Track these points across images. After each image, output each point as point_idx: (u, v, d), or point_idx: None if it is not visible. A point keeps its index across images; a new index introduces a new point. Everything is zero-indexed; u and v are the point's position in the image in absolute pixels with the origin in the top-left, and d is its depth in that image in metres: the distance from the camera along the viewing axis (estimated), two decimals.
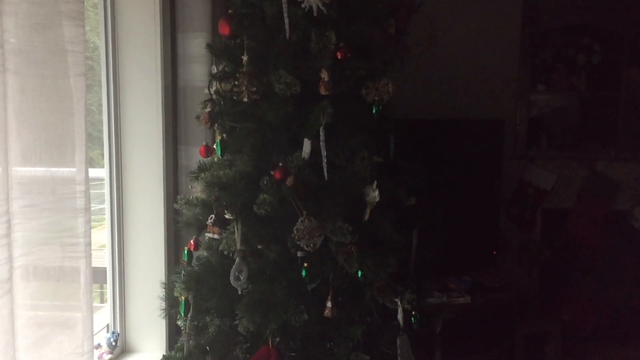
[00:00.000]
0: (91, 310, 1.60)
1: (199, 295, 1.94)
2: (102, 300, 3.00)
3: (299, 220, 1.78)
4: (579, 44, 3.84)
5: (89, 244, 1.59)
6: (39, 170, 1.48)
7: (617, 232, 3.82)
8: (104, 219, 2.41)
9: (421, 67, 3.35)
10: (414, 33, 3.10)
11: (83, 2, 1.54)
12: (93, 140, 2.41)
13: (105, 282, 2.47)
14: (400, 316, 1.84)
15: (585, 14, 3.74)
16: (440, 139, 3.29)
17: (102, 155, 2.36)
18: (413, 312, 1.87)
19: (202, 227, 1.99)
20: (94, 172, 2.29)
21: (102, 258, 2.48)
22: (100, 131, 2.35)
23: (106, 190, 2.36)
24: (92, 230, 1.62)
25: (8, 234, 1.31)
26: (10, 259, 1.33)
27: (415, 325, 1.88)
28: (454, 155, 3.31)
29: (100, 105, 2.34)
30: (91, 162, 2.37)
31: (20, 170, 1.40)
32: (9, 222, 1.32)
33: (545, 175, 3.78)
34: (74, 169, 1.55)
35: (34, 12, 1.41)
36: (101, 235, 2.48)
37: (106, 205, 2.37)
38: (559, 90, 3.89)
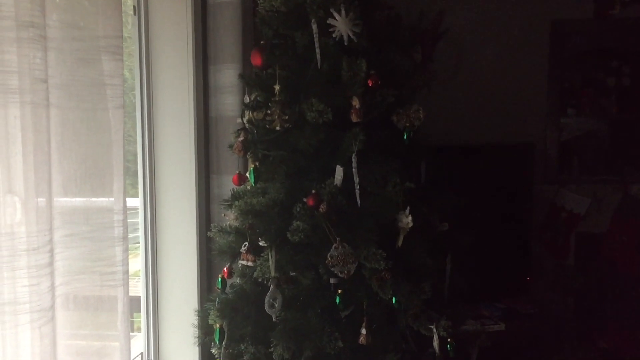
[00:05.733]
0: (129, 338, 1.62)
1: (234, 323, 1.94)
2: (133, 329, 3.01)
3: (333, 246, 1.78)
4: (607, 66, 3.81)
5: (126, 272, 1.61)
6: (78, 200, 1.52)
7: None
8: (138, 247, 2.44)
9: (449, 93, 3.35)
10: (441, 59, 3.14)
11: (121, 37, 1.59)
12: (125, 170, 2.45)
13: (138, 311, 2.49)
14: (436, 343, 1.82)
15: (613, 38, 3.71)
16: (471, 164, 3.27)
17: (134, 184, 2.40)
18: (449, 340, 1.84)
19: (235, 255, 2.01)
20: (127, 202, 2.33)
21: (136, 287, 2.50)
22: (130, 161, 2.40)
23: (140, 219, 2.39)
24: None
25: (51, 263, 1.34)
26: (52, 288, 1.35)
27: (451, 353, 1.86)
28: (485, 181, 3.28)
29: (130, 135, 2.39)
30: None
31: (61, 200, 1.44)
32: (51, 251, 1.35)
33: (578, 199, 3.72)
34: (112, 199, 1.59)
35: (76, 47, 1.47)
36: (134, 264, 2.50)
37: (140, 234, 2.40)
38: (590, 114, 3.85)
